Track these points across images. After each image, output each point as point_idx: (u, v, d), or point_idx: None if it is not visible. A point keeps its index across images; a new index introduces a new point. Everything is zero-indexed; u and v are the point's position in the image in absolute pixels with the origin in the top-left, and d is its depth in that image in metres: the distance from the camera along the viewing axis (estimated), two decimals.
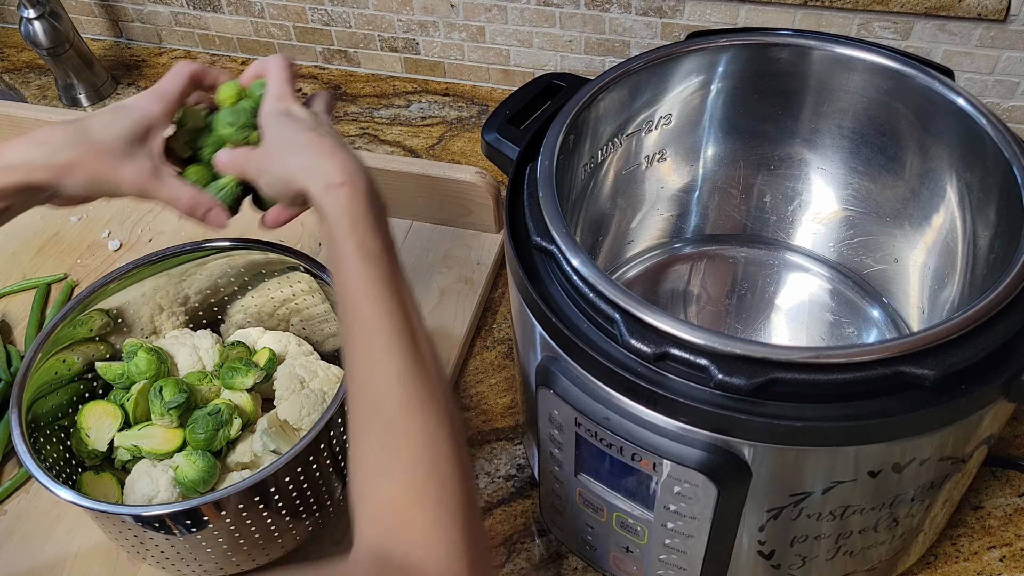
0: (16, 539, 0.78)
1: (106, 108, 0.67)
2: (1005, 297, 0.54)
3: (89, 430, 0.74)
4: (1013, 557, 0.74)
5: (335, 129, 0.66)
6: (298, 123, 0.64)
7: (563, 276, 0.58)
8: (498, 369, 0.90)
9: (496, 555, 0.76)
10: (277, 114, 0.65)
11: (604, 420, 0.57)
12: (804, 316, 0.83)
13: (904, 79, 0.69)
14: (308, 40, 1.26)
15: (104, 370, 0.78)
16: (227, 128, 0.67)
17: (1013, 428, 0.82)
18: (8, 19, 1.41)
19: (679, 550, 0.62)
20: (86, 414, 0.75)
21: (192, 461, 0.72)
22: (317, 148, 0.62)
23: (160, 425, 0.74)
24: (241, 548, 0.69)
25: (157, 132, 0.66)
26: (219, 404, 0.74)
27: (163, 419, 0.74)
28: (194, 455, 0.72)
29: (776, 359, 0.51)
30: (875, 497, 0.58)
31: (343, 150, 0.62)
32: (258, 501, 0.66)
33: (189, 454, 0.72)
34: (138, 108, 0.65)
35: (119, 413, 0.75)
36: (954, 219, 0.71)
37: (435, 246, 1.00)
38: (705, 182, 0.84)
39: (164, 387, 0.74)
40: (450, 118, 1.19)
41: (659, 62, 0.72)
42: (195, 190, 0.68)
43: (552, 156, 0.64)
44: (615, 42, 1.12)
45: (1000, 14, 0.94)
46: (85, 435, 0.74)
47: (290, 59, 0.70)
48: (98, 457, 0.75)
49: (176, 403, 0.73)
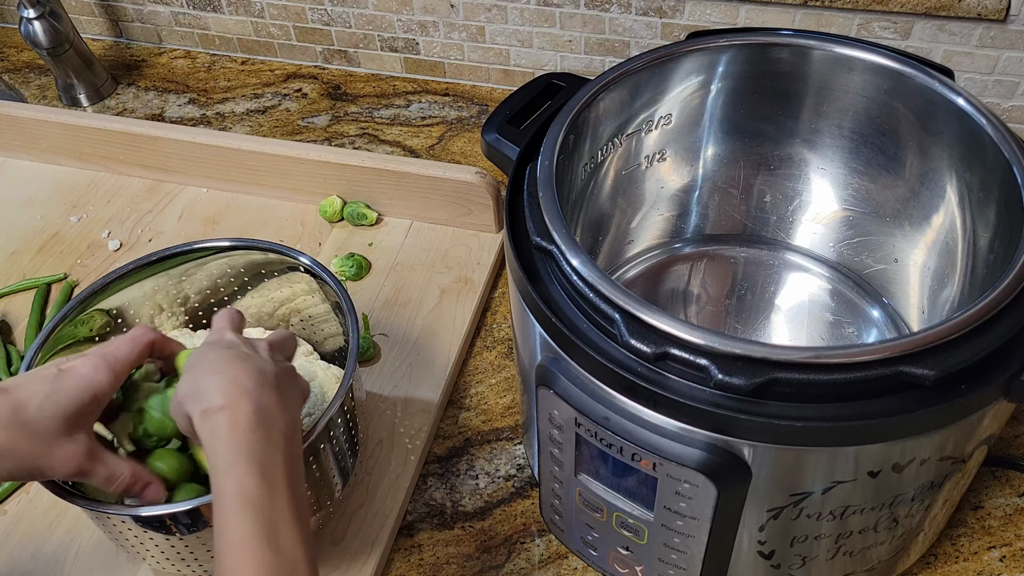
0: (16, 539, 0.78)
1: (45, 373, 0.57)
2: (1005, 297, 0.54)
3: None
4: (1013, 557, 0.74)
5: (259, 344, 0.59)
6: (210, 345, 0.58)
7: (563, 276, 0.58)
8: (498, 369, 0.90)
9: (496, 555, 0.77)
10: (201, 345, 0.59)
11: (604, 420, 0.57)
12: (804, 316, 0.83)
13: (904, 79, 0.69)
14: (308, 40, 1.26)
15: None
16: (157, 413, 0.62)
17: (1013, 428, 0.82)
18: (8, 19, 1.41)
19: (679, 550, 0.62)
20: None
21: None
22: (206, 366, 0.55)
23: None
24: None
25: (101, 406, 0.58)
26: None
27: None
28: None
29: (776, 359, 0.51)
30: (875, 497, 0.58)
31: (236, 365, 0.54)
32: None
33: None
34: (85, 378, 0.57)
35: None
36: (954, 219, 0.71)
37: (435, 246, 1.00)
38: (705, 182, 0.84)
39: None
40: (450, 118, 1.19)
41: (659, 62, 0.72)
42: (133, 465, 0.60)
43: (552, 156, 0.64)
44: (615, 42, 1.12)
45: (1000, 14, 0.94)
46: None
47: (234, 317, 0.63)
48: None
49: None
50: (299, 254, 0.78)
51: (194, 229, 1.05)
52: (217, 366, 0.55)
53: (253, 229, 1.04)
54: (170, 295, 0.82)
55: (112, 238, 1.04)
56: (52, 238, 1.05)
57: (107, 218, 1.07)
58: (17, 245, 1.04)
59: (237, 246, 0.80)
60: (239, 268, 0.82)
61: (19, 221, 1.08)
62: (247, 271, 0.82)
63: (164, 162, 1.08)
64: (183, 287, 0.82)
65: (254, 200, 1.07)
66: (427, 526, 0.79)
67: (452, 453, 0.84)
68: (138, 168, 1.10)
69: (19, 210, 1.09)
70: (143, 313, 0.81)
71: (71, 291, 0.99)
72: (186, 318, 0.84)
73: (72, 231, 1.06)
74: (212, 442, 0.52)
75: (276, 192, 1.06)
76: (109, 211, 1.08)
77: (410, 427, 0.84)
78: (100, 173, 1.12)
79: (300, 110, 1.22)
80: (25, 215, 1.08)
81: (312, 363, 0.79)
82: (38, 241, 1.05)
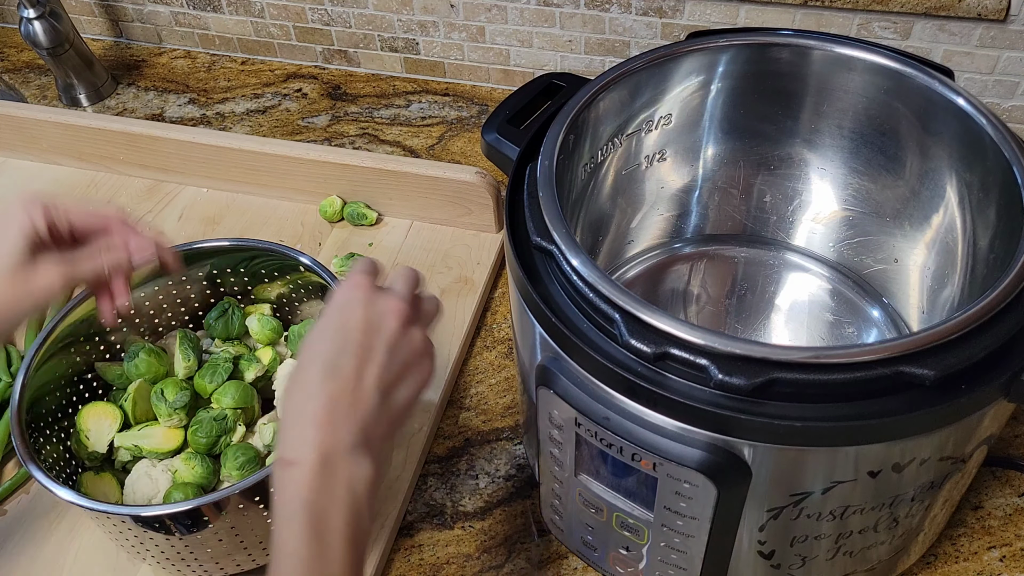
0: (16, 539, 0.78)
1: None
2: (1005, 297, 0.54)
3: (88, 432, 0.74)
4: (1013, 557, 0.74)
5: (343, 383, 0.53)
6: (292, 384, 0.55)
7: (563, 276, 0.58)
8: (498, 369, 0.90)
9: (496, 555, 0.77)
10: (288, 379, 0.56)
11: (604, 420, 0.57)
12: (804, 316, 0.83)
13: (904, 79, 0.69)
14: (308, 40, 1.26)
15: (104, 370, 0.78)
16: None
17: (1013, 428, 0.82)
18: (8, 19, 1.41)
19: (679, 550, 0.62)
20: (85, 416, 0.75)
21: (191, 466, 0.72)
22: (294, 397, 0.53)
23: (167, 425, 0.75)
24: (241, 548, 0.69)
25: (44, 233, 0.63)
26: (225, 410, 0.75)
27: (171, 419, 0.74)
28: (193, 459, 0.72)
29: (776, 359, 0.51)
30: (875, 497, 0.58)
31: (323, 393, 0.51)
32: (258, 501, 0.66)
33: (188, 458, 0.73)
34: (20, 223, 0.62)
35: (118, 414, 0.75)
36: (954, 219, 0.71)
37: (435, 246, 1.00)
38: (705, 182, 0.84)
39: (165, 389, 0.74)
40: (450, 118, 1.19)
41: (659, 62, 0.72)
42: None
43: (552, 156, 0.64)
44: (615, 42, 1.12)
45: (1000, 14, 0.94)
46: (84, 437, 0.74)
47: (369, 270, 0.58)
48: (98, 458, 0.75)
49: (182, 402, 0.74)
50: (299, 254, 0.78)
51: (194, 229, 1.04)
52: (303, 396, 0.53)
53: (253, 229, 1.04)
54: (171, 295, 0.82)
55: None
56: None
57: None
58: None
59: (237, 246, 0.80)
60: (239, 268, 0.82)
61: None
62: (247, 271, 0.82)
63: (164, 162, 1.08)
64: (184, 287, 0.82)
65: (254, 200, 1.07)
66: (427, 526, 0.79)
67: (452, 453, 0.84)
68: (138, 168, 1.10)
69: None
70: (144, 313, 0.81)
71: (71, 291, 0.99)
72: (187, 318, 0.84)
73: None
74: (278, 493, 0.51)
75: (276, 192, 1.06)
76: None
77: (410, 427, 0.84)
78: (100, 173, 1.12)
79: (300, 110, 1.22)
80: None
81: None
82: None
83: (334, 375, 0.52)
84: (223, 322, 0.81)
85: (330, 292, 0.65)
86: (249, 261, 0.81)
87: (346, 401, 0.52)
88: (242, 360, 0.79)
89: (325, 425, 0.51)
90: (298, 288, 0.83)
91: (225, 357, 0.78)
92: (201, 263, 0.81)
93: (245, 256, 0.81)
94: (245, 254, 0.81)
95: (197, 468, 0.72)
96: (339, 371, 0.52)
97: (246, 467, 0.72)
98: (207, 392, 0.77)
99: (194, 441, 0.73)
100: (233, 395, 0.75)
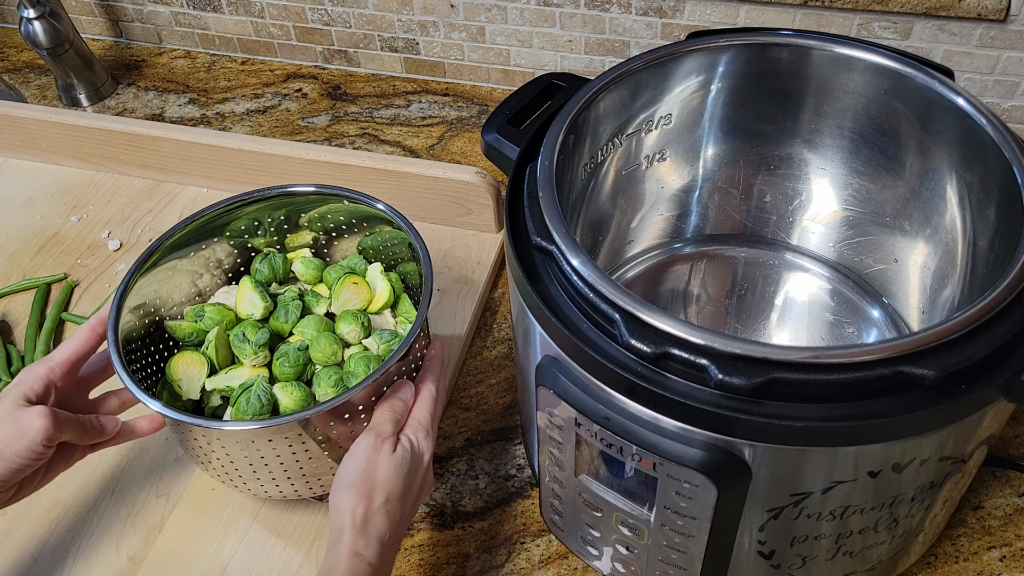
0: (16, 539, 0.78)
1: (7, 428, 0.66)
2: (1005, 297, 0.54)
3: (180, 381, 0.75)
4: (1013, 557, 0.74)
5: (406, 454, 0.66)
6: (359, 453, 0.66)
7: (563, 276, 0.58)
8: (498, 369, 0.90)
9: (496, 555, 0.77)
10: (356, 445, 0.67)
11: (604, 420, 0.57)
12: (804, 316, 0.83)
13: (904, 79, 0.69)
14: (308, 40, 1.26)
15: (174, 329, 0.79)
16: None
17: (1013, 428, 0.82)
18: (8, 19, 1.42)
19: (679, 550, 0.63)
20: (175, 366, 0.76)
21: (290, 392, 0.73)
22: (349, 458, 0.65)
23: (251, 364, 0.77)
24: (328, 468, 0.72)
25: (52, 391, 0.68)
26: (305, 341, 0.77)
27: (255, 357, 0.76)
28: (290, 386, 0.74)
29: (776, 359, 0.51)
30: (875, 497, 0.58)
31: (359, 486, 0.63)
32: (347, 418, 0.68)
33: (284, 386, 0.74)
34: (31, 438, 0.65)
35: (204, 361, 0.76)
36: (954, 219, 0.71)
37: (435, 246, 1.00)
38: (705, 182, 0.84)
39: (245, 331, 0.77)
40: (450, 118, 1.19)
41: (659, 62, 0.72)
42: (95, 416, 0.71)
43: (552, 156, 0.64)
44: (615, 42, 1.12)
45: (1000, 14, 0.94)
46: (177, 387, 0.75)
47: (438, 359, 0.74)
48: (190, 407, 0.77)
49: (263, 339, 0.77)
50: (376, 201, 0.80)
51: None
52: (343, 484, 0.64)
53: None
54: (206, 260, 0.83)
55: (112, 238, 1.05)
56: (52, 238, 1.05)
57: (107, 218, 1.07)
58: (17, 245, 1.05)
59: (322, 192, 0.82)
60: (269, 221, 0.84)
61: (19, 221, 1.08)
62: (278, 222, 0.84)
63: (164, 162, 1.08)
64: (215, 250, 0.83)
65: None
66: (427, 526, 0.79)
67: (452, 453, 0.84)
68: (138, 168, 1.10)
69: (19, 210, 1.09)
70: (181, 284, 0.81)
71: (71, 291, 0.99)
72: (227, 277, 0.85)
73: (72, 231, 1.06)
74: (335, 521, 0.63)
75: None
76: (109, 211, 1.08)
77: None
78: (100, 173, 1.12)
79: (300, 110, 1.22)
80: (25, 215, 1.09)
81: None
82: (38, 241, 1.05)
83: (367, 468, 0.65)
84: (268, 264, 0.83)
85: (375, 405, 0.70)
86: (282, 208, 0.84)
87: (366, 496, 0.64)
88: (307, 297, 0.82)
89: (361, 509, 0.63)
90: (328, 231, 0.85)
91: (291, 296, 0.81)
92: (242, 211, 0.82)
93: (278, 206, 0.83)
94: (279, 202, 0.83)
95: (296, 392, 0.73)
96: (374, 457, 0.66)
97: (339, 384, 0.74)
98: (285, 331, 0.80)
99: (281, 372, 0.75)
100: (316, 327, 0.78)
